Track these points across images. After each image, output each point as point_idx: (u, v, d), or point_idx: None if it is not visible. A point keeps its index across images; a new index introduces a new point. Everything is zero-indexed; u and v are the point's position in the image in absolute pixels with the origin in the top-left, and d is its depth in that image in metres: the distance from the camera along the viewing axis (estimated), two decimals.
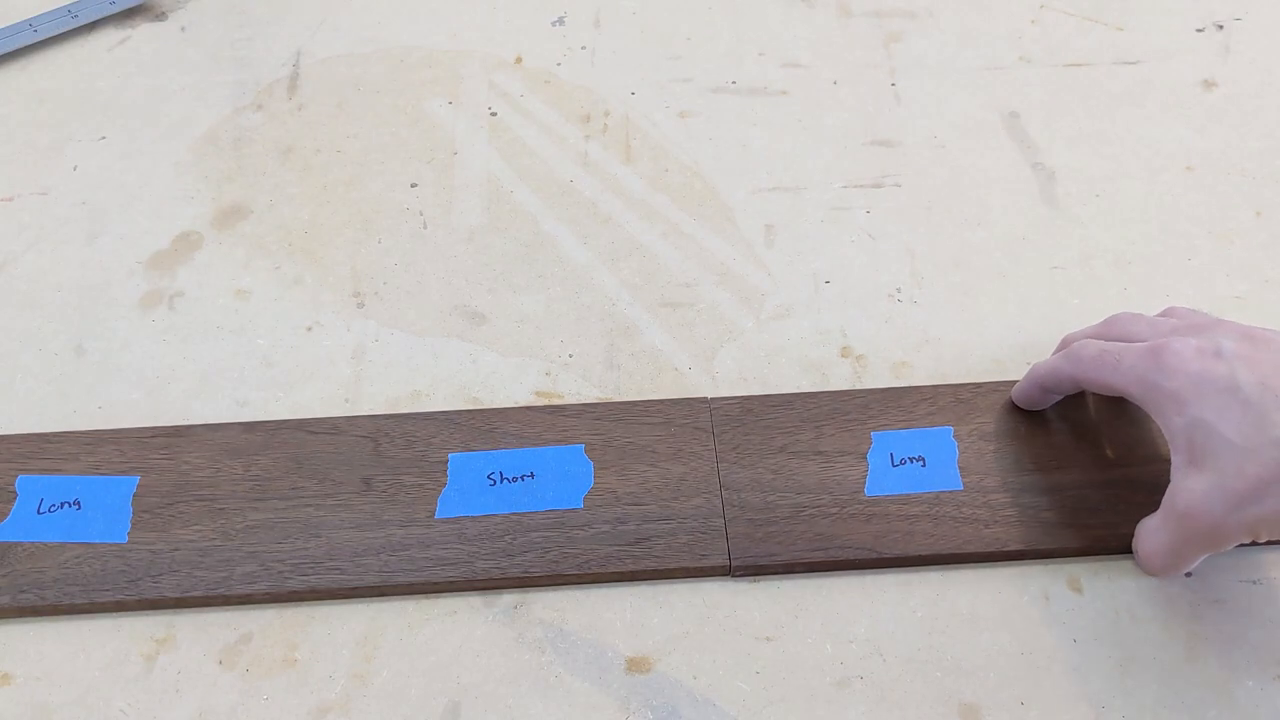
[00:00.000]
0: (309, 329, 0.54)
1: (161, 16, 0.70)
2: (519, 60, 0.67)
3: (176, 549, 0.45)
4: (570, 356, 0.52)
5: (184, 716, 0.42)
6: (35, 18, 0.68)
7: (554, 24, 0.69)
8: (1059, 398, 0.48)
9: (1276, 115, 0.63)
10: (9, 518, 0.45)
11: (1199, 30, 0.68)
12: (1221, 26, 0.68)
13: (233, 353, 0.53)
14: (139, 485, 0.47)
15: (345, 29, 0.69)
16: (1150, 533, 0.43)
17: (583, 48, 0.68)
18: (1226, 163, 0.60)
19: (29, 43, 0.67)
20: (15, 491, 0.46)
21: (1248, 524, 0.39)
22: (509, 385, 0.51)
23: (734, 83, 0.65)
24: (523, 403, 0.51)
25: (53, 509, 0.46)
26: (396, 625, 0.44)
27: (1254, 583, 0.45)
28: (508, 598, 0.45)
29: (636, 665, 0.43)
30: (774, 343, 0.53)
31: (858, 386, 0.51)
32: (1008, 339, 0.53)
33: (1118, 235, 0.57)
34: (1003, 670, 0.42)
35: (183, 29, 0.69)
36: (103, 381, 0.52)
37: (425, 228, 0.58)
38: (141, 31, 0.69)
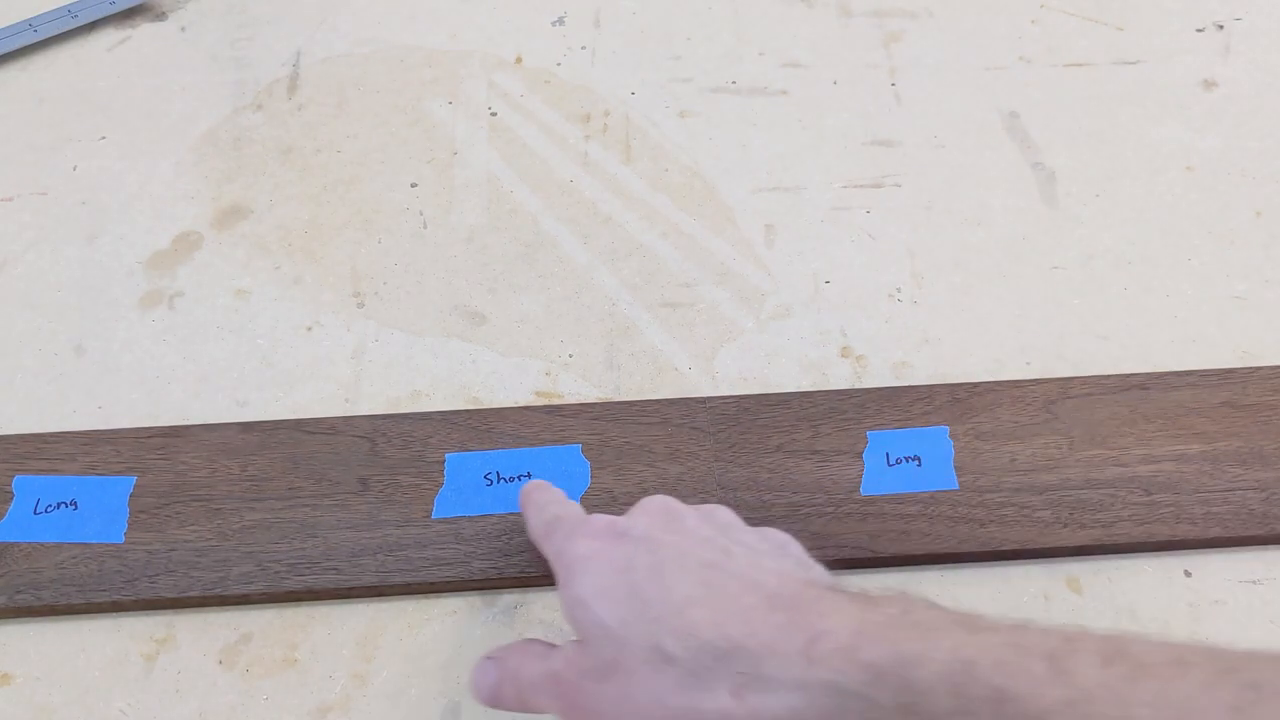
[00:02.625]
0: (309, 329, 0.54)
1: (161, 16, 0.70)
2: (519, 60, 0.67)
3: (173, 549, 0.45)
4: (570, 356, 0.52)
5: (184, 716, 0.42)
6: (35, 18, 0.68)
7: (554, 24, 0.69)
8: None
9: (1276, 115, 0.63)
10: (5, 518, 0.45)
11: (1199, 30, 0.68)
12: (1221, 26, 0.68)
13: (232, 353, 0.53)
14: (136, 485, 0.47)
15: (345, 29, 0.69)
16: (526, 661, 0.37)
17: (583, 48, 0.67)
18: (1226, 163, 0.60)
19: (29, 43, 0.67)
20: (12, 492, 0.46)
21: (606, 715, 0.34)
22: (509, 385, 0.51)
23: (734, 83, 0.65)
24: (523, 403, 0.51)
25: (49, 509, 0.46)
26: (396, 625, 0.44)
27: (1254, 583, 0.45)
28: (508, 598, 0.45)
29: None
30: (774, 343, 0.53)
31: (858, 386, 0.51)
32: (1008, 339, 0.53)
33: (1118, 235, 0.57)
34: None
35: (183, 29, 0.69)
36: (102, 381, 0.52)
37: (425, 228, 0.58)
38: (141, 31, 0.69)
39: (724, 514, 0.38)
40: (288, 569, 0.44)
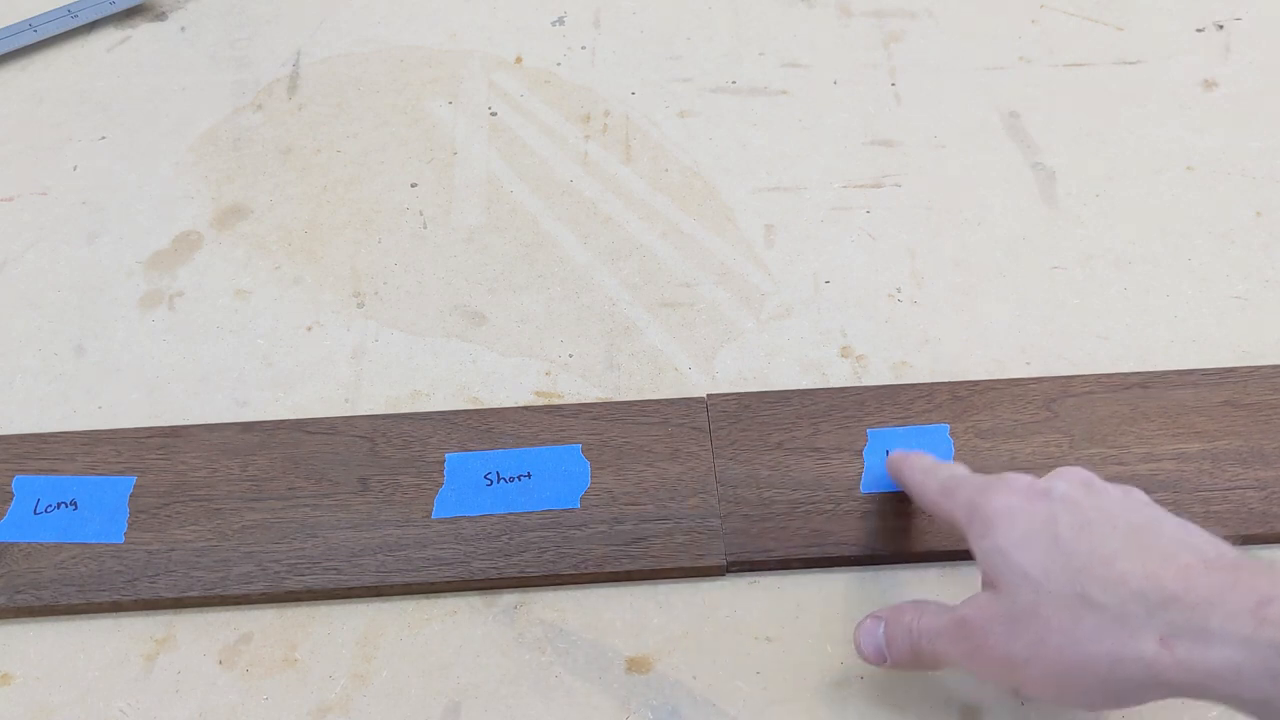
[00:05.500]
0: (309, 329, 0.54)
1: (161, 16, 0.70)
2: (519, 60, 0.67)
3: (173, 549, 0.45)
4: (570, 356, 0.52)
5: (184, 716, 0.42)
6: (35, 18, 0.68)
7: (554, 24, 0.69)
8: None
9: (1276, 115, 0.63)
10: (5, 518, 0.45)
11: (1199, 30, 0.68)
12: (1221, 26, 0.68)
13: (233, 353, 0.53)
14: (136, 485, 0.47)
15: (345, 29, 0.69)
16: (924, 614, 0.39)
17: (583, 48, 0.67)
18: (1226, 163, 0.60)
19: (29, 43, 0.67)
20: (12, 492, 0.46)
21: (1016, 658, 0.35)
22: (509, 385, 0.51)
23: (734, 83, 0.65)
24: (522, 403, 0.51)
25: (49, 509, 0.46)
26: (396, 625, 0.44)
27: None
28: (508, 598, 0.45)
29: (636, 665, 0.43)
30: (774, 343, 0.53)
31: (856, 386, 0.51)
32: (1008, 339, 0.53)
33: (1118, 235, 0.57)
34: None
35: (183, 29, 0.69)
36: (102, 381, 0.52)
37: (425, 228, 0.58)
38: (141, 31, 0.69)
39: (1141, 494, 0.38)
40: (288, 569, 0.44)
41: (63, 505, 0.46)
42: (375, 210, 0.59)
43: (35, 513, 0.46)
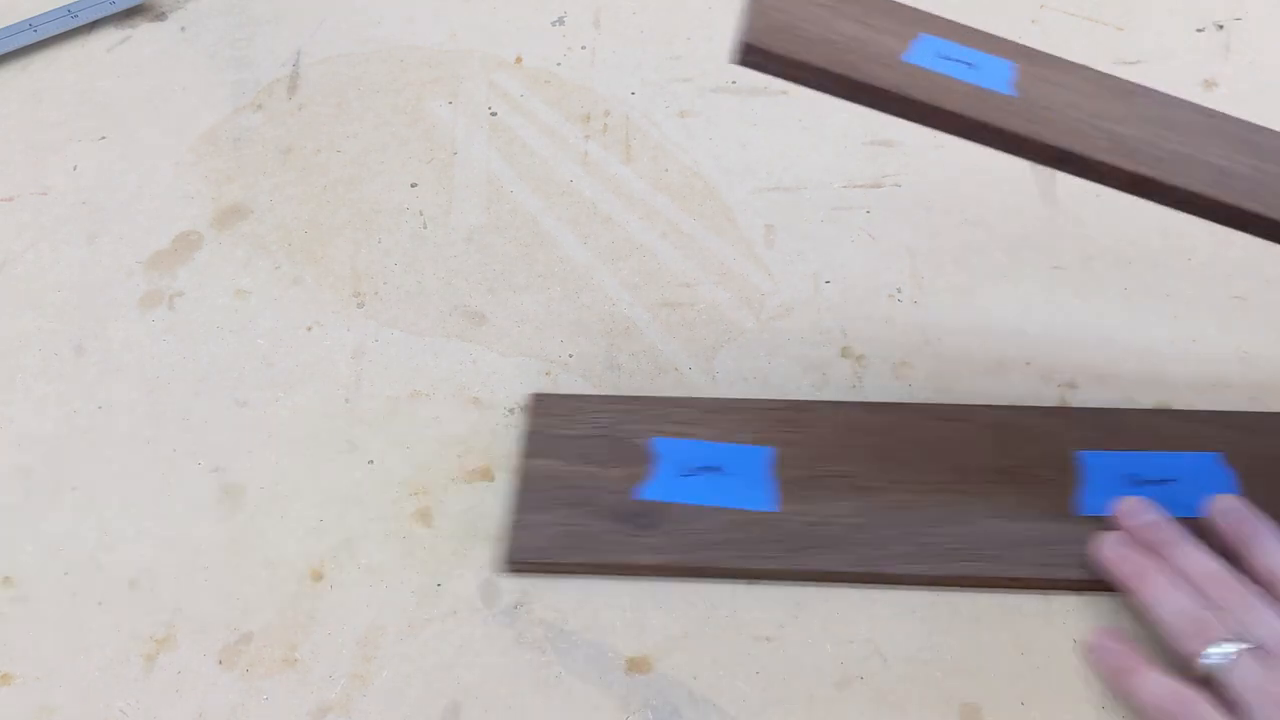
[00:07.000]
0: (309, 329, 0.54)
1: (161, 16, 0.70)
2: (519, 60, 0.67)
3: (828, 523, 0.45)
4: (570, 357, 0.53)
5: (184, 716, 0.42)
6: (35, 18, 0.68)
7: (554, 24, 0.69)
8: None
9: (1276, 115, 0.63)
10: (655, 478, 0.46)
11: (1199, 30, 0.68)
12: (1221, 26, 0.68)
13: (233, 353, 0.53)
14: (776, 455, 0.47)
15: (345, 29, 0.69)
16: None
17: (583, 48, 0.67)
18: None
19: (29, 43, 0.67)
20: (655, 452, 0.47)
21: None
22: (509, 385, 0.51)
23: (734, 83, 0.65)
24: (522, 403, 0.51)
25: (695, 473, 0.47)
26: (396, 625, 0.44)
27: None
28: (508, 598, 0.45)
29: (636, 665, 0.43)
30: (774, 342, 0.53)
31: (857, 386, 0.50)
32: (1008, 339, 0.53)
33: (1118, 235, 0.57)
34: (1003, 670, 0.42)
35: (183, 29, 0.69)
36: (103, 381, 0.52)
37: (425, 228, 0.58)
38: (141, 31, 0.69)
39: None
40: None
41: (707, 470, 0.47)
42: (375, 210, 0.59)
43: (682, 476, 0.47)
